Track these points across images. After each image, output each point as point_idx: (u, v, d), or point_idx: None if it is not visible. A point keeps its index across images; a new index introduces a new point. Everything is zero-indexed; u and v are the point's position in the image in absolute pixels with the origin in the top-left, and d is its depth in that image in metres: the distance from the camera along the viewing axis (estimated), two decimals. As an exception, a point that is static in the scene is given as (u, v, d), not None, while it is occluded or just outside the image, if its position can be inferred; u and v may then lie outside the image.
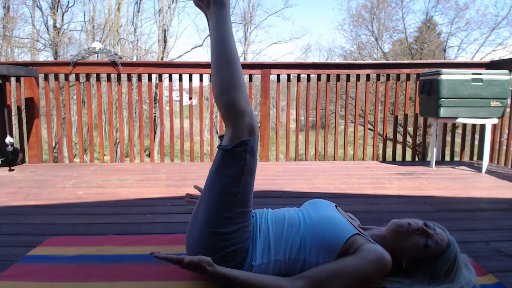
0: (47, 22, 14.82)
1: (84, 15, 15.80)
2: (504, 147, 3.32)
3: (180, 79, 3.54)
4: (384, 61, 10.38)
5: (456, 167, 3.25)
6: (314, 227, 1.17)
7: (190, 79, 3.60)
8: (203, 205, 1.13)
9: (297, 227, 1.19)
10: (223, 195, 1.10)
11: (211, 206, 1.11)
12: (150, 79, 3.67)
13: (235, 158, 1.10)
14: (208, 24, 1.26)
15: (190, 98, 3.66)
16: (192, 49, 17.57)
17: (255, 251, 1.13)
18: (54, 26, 14.46)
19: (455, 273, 1.13)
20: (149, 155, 10.96)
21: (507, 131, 3.28)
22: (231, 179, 1.10)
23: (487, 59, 12.99)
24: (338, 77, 3.58)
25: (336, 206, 1.34)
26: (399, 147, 3.86)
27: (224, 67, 1.13)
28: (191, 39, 33.30)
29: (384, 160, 3.66)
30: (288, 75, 3.75)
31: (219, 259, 1.08)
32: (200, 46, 18.57)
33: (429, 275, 1.13)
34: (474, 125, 3.67)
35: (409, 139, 9.93)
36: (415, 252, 1.16)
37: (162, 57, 15.76)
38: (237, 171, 1.10)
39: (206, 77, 3.65)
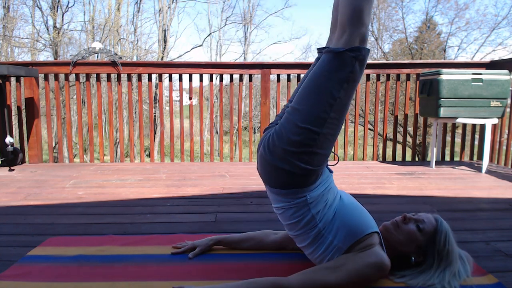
0: (47, 22, 14.84)
1: (84, 15, 15.84)
2: (504, 147, 3.32)
3: (180, 79, 3.54)
4: (384, 61, 10.38)
5: (456, 167, 3.25)
6: (344, 209, 1.20)
7: (190, 79, 3.60)
8: (302, 101, 1.13)
9: (336, 204, 1.21)
10: (323, 95, 1.10)
11: (310, 104, 1.11)
12: (150, 79, 3.67)
13: (344, 63, 1.10)
14: None
15: (190, 98, 3.66)
16: (192, 49, 17.60)
17: (317, 191, 1.17)
18: (54, 26, 14.46)
19: (450, 243, 1.18)
20: (149, 155, 10.96)
21: (507, 131, 3.28)
22: (335, 82, 1.10)
23: (487, 59, 12.99)
24: (338, 77, 3.58)
25: None
26: (399, 147, 3.86)
27: None
28: (191, 39, 33.35)
29: (384, 160, 3.66)
30: (288, 75, 3.74)
31: (298, 154, 1.11)
32: (200, 46, 18.54)
33: (437, 254, 1.17)
34: (474, 125, 3.67)
35: (409, 139, 9.93)
36: (414, 239, 1.19)
37: (162, 57, 15.75)
38: (342, 76, 1.10)
39: (206, 77, 3.66)
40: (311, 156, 1.12)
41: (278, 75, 3.58)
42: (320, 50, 1.23)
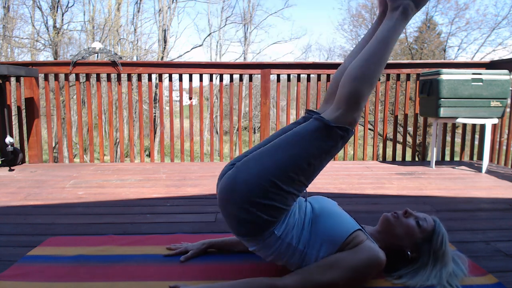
0: (47, 22, 14.82)
1: (84, 15, 15.82)
2: (504, 147, 3.32)
3: (180, 79, 3.54)
4: (384, 61, 10.38)
5: (456, 167, 3.25)
6: (318, 220, 1.19)
7: (190, 79, 3.60)
8: (277, 153, 1.12)
9: (308, 219, 1.21)
10: (299, 159, 1.10)
11: (284, 160, 1.11)
12: (150, 79, 3.67)
13: (330, 137, 1.11)
14: (377, 19, 1.36)
15: (190, 98, 3.66)
16: (192, 49, 17.62)
17: (282, 224, 1.15)
18: (54, 26, 14.45)
19: (446, 245, 1.19)
20: (149, 155, 10.95)
21: (507, 131, 3.28)
22: (315, 150, 1.11)
23: (487, 59, 13.00)
24: (338, 77, 3.58)
25: (337, 204, 1.36)
26: (399, 147, 3.86)
27: (375, 63, 1.15)
28: (191, 39, 33.27)
29: (384, 160, 3.66)
30: (288, 75, 3.74)
31: (259, 205, 1.09)
32: (200, 46, 18.54)
33: (432, 253, 1.18)
34: (474, 125, 3.67)
35: (409, 139, 9.93)
36: (412, 234, 1.20)
37: (162, 57, 15.75)
38: (324, 147, 1.11)
39: (206, 77, 3.66)
40: (273, 209, 1.11)
41: (278, 75, 3.58)
42: (309, 112, 1.24)
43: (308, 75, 3.70)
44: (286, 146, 1.13)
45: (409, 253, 1.20)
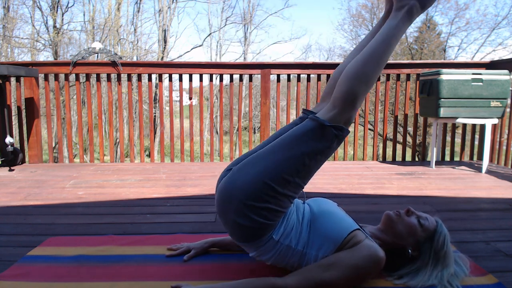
0: (47, 22, 14.82)
1: (84, 15, 15.80)
2: (504, 147, 3.32)
3: (180, 79, 3.54)
4: (384, 61, 10.37)
5: (456, 167, 3.25)
6: (317, 221, 1.20)
7: (190, 79, 3.60)
8: (272, 156, 1.13)
9: (307, 220, 1.21)
10: (295, 160, 1.11)
11: (279, 162, 1.11)
12: (150, 79, 3.67)
13: (325, 137, 1.12)
14: (381, 19, 1.34)
15: (190, 98, 3.66)
16: (192, 49, 17.63)
17: (280, 228, 1.16)
18: (54, 26, 14.45)
19: (447, 245, 1.19)
20: (149, 155, 10.96)
21: (507, 131, 3.28)
22: (310, 151, 1.11)
23: (487, 59, 13.00)
24: (338, 77, 3.58)
25: (337, 205, 1.36)
26: (399, 147, 3.86)
27: (374, 63, 1.15)
28: (191, 39, 33.24)
29: (384, 160, 3.66)
30: (288, 75, 3.75)
31: (255, 209, 1.10)
32: (200, 46, 18.56)
33: (433, 253, 1.18)
34: (474, 125, 3.67)
35: (409, 139, 9.93)
36: (414, 233, 1.20)
37: (162, 57, 15.75)
38: (319, 147, 1.12)
39: (206, 77, 3.66)
40: (270, 212, 1.11)
41: (278, 75, 3.58)
42: (305, 111, 1.25)
43: (308, 75, 3.70)
44: (281, 148, 1.13)
45: (410, 251, 1.20)
